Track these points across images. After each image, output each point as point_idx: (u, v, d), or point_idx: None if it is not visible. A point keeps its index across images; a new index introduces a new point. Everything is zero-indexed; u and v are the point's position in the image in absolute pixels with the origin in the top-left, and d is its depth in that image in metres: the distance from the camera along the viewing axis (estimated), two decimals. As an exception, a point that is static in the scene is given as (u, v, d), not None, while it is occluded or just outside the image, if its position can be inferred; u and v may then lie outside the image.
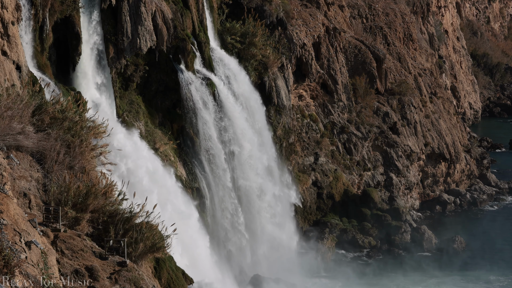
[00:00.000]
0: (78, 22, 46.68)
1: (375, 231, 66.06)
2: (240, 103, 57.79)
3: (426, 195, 77.16)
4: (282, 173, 62.85)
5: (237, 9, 62.77)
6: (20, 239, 23.41)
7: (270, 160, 60.22)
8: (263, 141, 59.74)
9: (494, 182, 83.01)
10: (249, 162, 57.27)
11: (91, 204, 31.36)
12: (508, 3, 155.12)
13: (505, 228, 70.94)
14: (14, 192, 28.93)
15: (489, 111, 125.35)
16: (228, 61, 59.01)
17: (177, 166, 52.54)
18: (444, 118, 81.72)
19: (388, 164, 72.90)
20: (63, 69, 47.10)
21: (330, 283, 57.26)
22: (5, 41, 38.23)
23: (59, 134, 34.45)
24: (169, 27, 52.73)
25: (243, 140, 56.84)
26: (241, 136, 56.76)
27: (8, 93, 34.34)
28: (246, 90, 59.42)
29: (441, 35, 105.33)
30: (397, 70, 79.04)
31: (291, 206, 63.38)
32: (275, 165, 61.20)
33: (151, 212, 33.59)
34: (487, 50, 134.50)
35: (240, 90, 58.36)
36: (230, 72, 58.18)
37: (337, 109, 71.47)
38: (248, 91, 59.76)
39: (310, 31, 68.88)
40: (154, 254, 33.33)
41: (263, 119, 61.03)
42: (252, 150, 57.43)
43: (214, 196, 54.31)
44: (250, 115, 59.05)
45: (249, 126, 58.05)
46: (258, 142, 58.63)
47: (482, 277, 59.12)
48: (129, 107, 51.84)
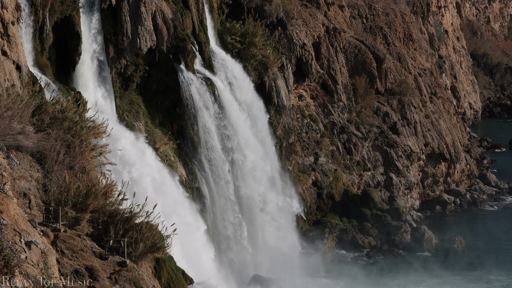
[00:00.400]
0: (78, 22, 46.69)
1: (375, 231, 66.05)
2: (240, 103, 57.76)
3: (426, 195, 77.16)
4: (283, 171, 62.83)
5: (237, 9, 62.75)
6: (20, 239, 23.41)
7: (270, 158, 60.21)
8: (263, 139, 59.72)
9: (494, 182, 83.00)
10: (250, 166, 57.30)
11: (91, 204, 31.36)
12: (508, 3, 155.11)
13: (505, 228, 70.91)
14: (14, 192, 28.93)
15: (489, 111, 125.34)
16: (228, 61, 58.99)
17: (177, 166, 52.53)
18: (444, 118, 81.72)
19: (388, 164, 72.89)
20: (63, 69, 47.10)
21: (330, 283, 57.24)
22: (5, 41, 38.23)
23: (59, 134, 34.45)
24: (169, 27, 52.73)
25: (243, 139, 56.82)
26: (241, 136, 56.74)
27: (8, 93, 34.34)
28: (246, 91, 59.40)
29: (441, 35, 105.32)
30: (397, 70, 79.04)
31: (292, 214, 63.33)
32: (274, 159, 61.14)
33: (151, 212, 33.58)
34: (487, 50, 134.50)
35: (240, 91, 58.34)
36: (230, 72, 58.17)
37: (337, 109, 71.47)
38: (248, 91, 59.74)
39: (310, 31, 68.87)
40: (154, 254, 33.33)
41: (263, 117, 60.95)
42: (252, 150, 57.42)
43: (214, 196, 54.30)
44: (250, 115, 59.04)
45: (249, 127, 58.02)
46: (259, 141, 58.62)
47: (482, 277, 59.11)
48: (129, 107, 51.84)
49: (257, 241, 57.57)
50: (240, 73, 59.55)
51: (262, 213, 58.51)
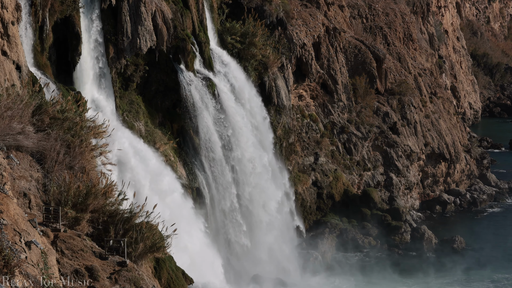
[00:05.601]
0: (78, 22, 46.69)
1: (375, 231, 66.04)
2: (240, 103, 57.76)
3: (426, 195, 77.16)
4: (283, 171, 62.86)
5: (237, 9, 62.74)
6: (20, 239, 23.40)
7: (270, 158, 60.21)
8: (263, 139, 59.76)
9: (494, 182, 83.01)
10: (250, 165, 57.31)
11: (91, 204, 31.35)
12: (508, 3, 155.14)
13: (505, 228, 70.93)
14: (14, 192, 28.93)
15: (489, 111, 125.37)
16: (228, 61, 58.99)
17: (177, 166, 52.53)
18: (444, 118, 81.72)
19: (388, 164, 72.90)
20: (63, 69, 47.10)
21: (330, 283, 57.24)
22: (5, 41, 38.23)
23: (59, 134, 34.44)
24: (169, 27, 52.73)
25: (243, 139, 56.83)
26: (241, 136, 56.75)
27: (8, 93, 34.34)
28: (246, 91, 59.40)
29: (441, 35, 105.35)
30: (397, 70, 79.04)
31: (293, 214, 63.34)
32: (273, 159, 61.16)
33: (151, 212, 33.57)
34: (487, 50, 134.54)
35: (240, 91, 58.33)
36: (230, 72, 58.16)
37: (337, 109, 71.47)
38: (248, 91, 59.73)
39: (310, 31, 68.87)
40: (154, 254, 33.32)
41: (263, 117, 60.95)
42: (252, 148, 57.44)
43: (214, 196, 54.32)
44: (250, 115, 59.04)
45: (249, 126, 58.02)
46: (258, 141, 58.64)
47: (483, 277, 59.10)
48: (129, 107, 51.84)
49: (257, 241, 57.56)
50: (240, 73, 59.55)
51: (262, 213, 58.51)
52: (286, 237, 61.15)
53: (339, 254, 62.66)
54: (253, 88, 61.00)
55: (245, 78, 60.00)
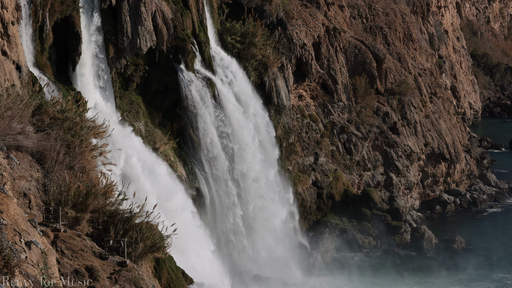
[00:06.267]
0: (78, 22, 46.67)
1: (375, 231, 66.03)
2: (240, 103, 57.77)
3: (426, 195, 77.15)
4: (283, 171, 62.85)
5: (237, 9, 62.72)
6: (20, 239, 23.40)
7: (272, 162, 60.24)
8: (263, 139, 59.76)
9: (494, 182, 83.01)
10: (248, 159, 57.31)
11: (91, 204, 31.36)
12: (508, 3, 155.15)
13: (505, 228, 70.93)
14: (14, 192, 28.93)
15: (489, 111, 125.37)
16: (228, 61, 58.99)
17: (177, 166, 52.54)
18: (444, 118, 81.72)
19: (388, 164, 72.89)
20: (63, 69, 47.08)
21: (330, 283, 57.22)
22: (5, 41, 38.23)
23: (59, 134, 34.45)
24: (169, 27, 52.72)
25: (242, 139, 56.86)
26: (241, 135, 56.76)
27: (8, 93, 34.33)
28: (246, 91, 59.41)
29: (441, 35, 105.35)
30: (397, 70, 79.03)
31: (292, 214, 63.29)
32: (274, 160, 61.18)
33: (151, 212, 33.58)
34: (487, 50, 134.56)
35: (240, 91, 58.33)
36: (230, 72, 58.16)
37: (337, 109, 71.46)
38: (248, 91, 59.74)
39: (310, 31, 68.85)
40: (154, 254, 33.33)
41: (263, 117, 60.96)
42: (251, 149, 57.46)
43: (214, 196, 54.32)
44: (250, 115, 59.04)
45: (249, 126, 58.03)
46: (258, 141, 58.65)
47: (483, 277, 59.08)
48: (129, 107, 51.84)
49: (257, 241, 57.57)
50: (240, 73, 59.55)
51: (262, 212, 58.51)
52: (286, 237, 61.12)
53: (339, 254, 62.64)
54: (253, 88, 60.96)
55: (245, 78, 59.98)
